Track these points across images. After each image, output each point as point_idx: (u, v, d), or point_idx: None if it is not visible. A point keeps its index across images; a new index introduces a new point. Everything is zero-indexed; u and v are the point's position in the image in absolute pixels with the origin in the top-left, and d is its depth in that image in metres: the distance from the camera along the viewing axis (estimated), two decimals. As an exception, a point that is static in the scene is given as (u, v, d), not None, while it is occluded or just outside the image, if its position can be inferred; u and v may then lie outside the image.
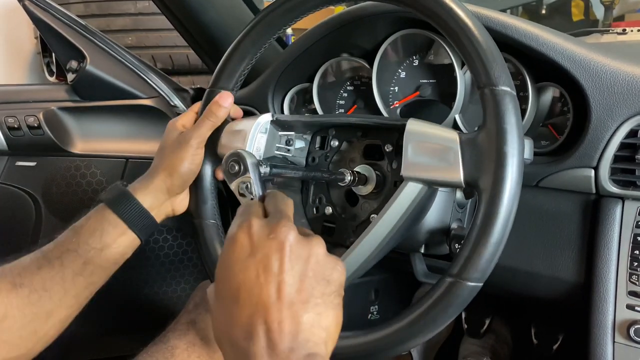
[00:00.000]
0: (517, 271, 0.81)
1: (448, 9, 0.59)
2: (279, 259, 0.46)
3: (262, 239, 0.47)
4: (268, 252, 0.46)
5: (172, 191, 0.76)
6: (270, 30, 0.75)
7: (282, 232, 0.47)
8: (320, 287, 0.47)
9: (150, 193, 0.75)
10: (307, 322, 0.44)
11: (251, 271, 0.45)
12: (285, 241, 0.47)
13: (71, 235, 0.71)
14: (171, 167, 0.75)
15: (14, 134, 1.07)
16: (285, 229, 0.48)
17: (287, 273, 0.45)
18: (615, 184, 0.71)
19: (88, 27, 1.13)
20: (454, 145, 0.59)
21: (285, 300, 0.44)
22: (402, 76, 0.92)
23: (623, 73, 0.69)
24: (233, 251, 0.48)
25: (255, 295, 0.44)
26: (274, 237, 0.47)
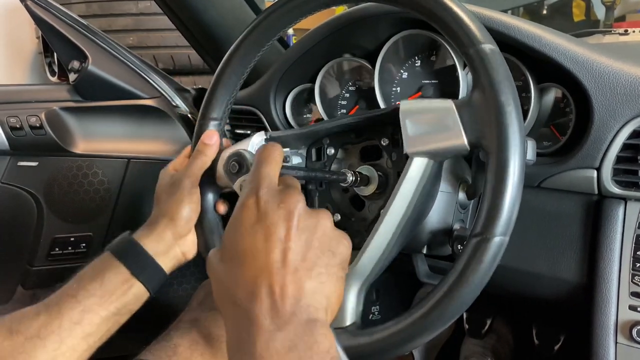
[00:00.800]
0: (519, 271, 0.81)
1: (446, 7, 0.59)
2: (286, 227, 0.46)
3: (271, 207, 0.48)
4: (276, 220, 0.46)
5: (177, 234, 0.74)
6: (272, 31, 0.75)
7: (292, 202, 0.48)
8: (325, 257, 0.47)
9: (155, 240, 0.73)
10: (310, 289, 0.45)
11: (258, 236, 0.46)
12: (294, 210, 0.47)
13: (72, 281, 0.69)
14: (171, 211, 0.74)
15: (16, 134, 1.07)
16: (294, 200, 0.48)
17: (293, 241, 0.46)
18: (618, 185, 0.71)
19: (90, 27, 1.13)
20: (451, 111, 0.58)
21: (290, 266, 0.45)
22: (404, 77, 0.92)
23: (626, 74, 0.69)
24: (242, 216, 0.48)
25: (261, 259, 0.45)
26: (284, 206, 0.47)
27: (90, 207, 1.16)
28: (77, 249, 1.17)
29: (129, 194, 1.18)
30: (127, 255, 0.70)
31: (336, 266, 0.48)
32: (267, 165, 0.51)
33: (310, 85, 1.00)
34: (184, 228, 0.74)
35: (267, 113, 1.02)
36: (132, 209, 1.20)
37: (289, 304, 0.44)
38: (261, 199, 0.48)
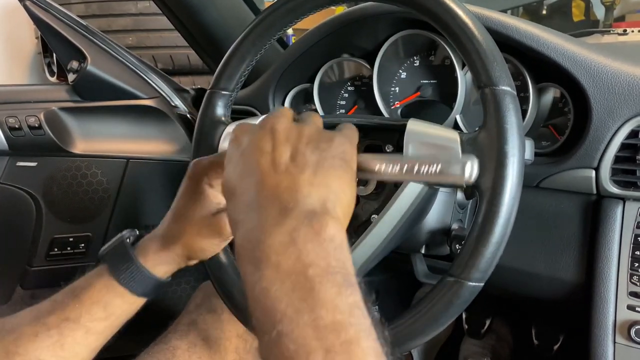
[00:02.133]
0: (517, 272, 0.81)
1: (448, 9, 0.59)
2: (271, 140, 0.46)
3: (251, 132, 0.48)
4: (260, 139, 0.47)
5: (187, 263, 0.68)
6: (271, 31, 0.75)
7: (270, 121, 0.48)
8: (315, 155, 0.45)
9: (163, 264, 0.66)
10: (305, 181, 0.43)
11: (249, 158, 0.46)
12: (276, 125, 0.47)
13: (72, 301, 0.63)
14: (195, 250, 0.66)
15: (15, 134, 1.07)
16: (272, 118, 0.48)
17: (280, 150, 0.45)
18: (616, 185, 0.71)
19: (89, 28, 1.13)
20: (455, 145, 0.59)
21: (281, 169, 0.44)
22: (403, 77, 0.92)
23: (624, 74, 0.69)
24: (230, 151, 0.49)
25: (255, 175, 0.44)
26: (265, 125, 0.48)
27: (89, 208, 1.16)
28: (76, 249, 1.16)
29: (127, 194, 1.18)
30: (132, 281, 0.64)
31: (330, 158, 0.46)
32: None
33: (309, 85, 1.00)
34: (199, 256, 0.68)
35: (265, 113, 1.01)
36: (131, 209, 1.20)
37: (284, 198, 0.42)
38: (242, 130, 0.49)
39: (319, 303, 0.36)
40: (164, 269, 0.66)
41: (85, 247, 1.17)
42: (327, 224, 0.40)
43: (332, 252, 0.39)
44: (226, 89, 0.79)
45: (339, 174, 0.45)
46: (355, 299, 0.38)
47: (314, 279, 0.37)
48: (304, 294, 0.37)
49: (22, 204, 1.12)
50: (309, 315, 0.36)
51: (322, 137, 0.48)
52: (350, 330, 0.35)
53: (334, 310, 0.36)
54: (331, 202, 0.43)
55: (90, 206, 1.16)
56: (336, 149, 0.47)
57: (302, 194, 0.42)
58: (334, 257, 0.39)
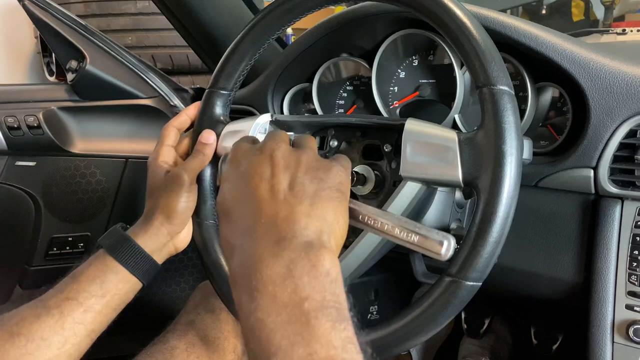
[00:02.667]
0: (516, 271, 0.81)
1: (447, 8, 0.59)
2: (271, 168, 0.47)
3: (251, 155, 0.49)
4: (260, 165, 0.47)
5: (173, 232, 0.75)
6: (270, 30, 0.75)
7: (271, 144, 0.49)
8: (313, 185, 0.46)
9: (151, 237, 0.73)
10: (302, 212, 0.44)
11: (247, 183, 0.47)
12: (276, 151, 0.48)
13: (71, 283, 0.68)
14: (168, 209, 0.73)
15: (14, 134, 1.07)
16: (274, 142, 0.49)
17: (278, 177, 0.46)
18: (615, 184, 0.71)
19: (88, 27, 1.13)
20: (453, 144, 0.59)
21: (279, 198, 0.45)
22: (402, 76, 0.92)
23: (622, 73, 0.69)
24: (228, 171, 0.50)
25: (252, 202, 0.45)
26: (265, 150, 0.49)
27: (88, 207, 1.16)
28: (75, 248, 1.16)
29: (126, 194, 1.18)
30: (125, 256, 0.70)
31: (327, 189, 0.47)
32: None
33: (308, 84, 1.00)
34: (180, 226, 0.75)
35: (264, 112, 1.01)
36: (130, 208, 1.20)
37: (282, 229, 0.43)
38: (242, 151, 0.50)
39: (314, 337, 0.37)
40: (151, 244, 0.72)
41: (84, 246, 1.17)
42: (324, 257, 0.41)
43: (327, 286, 0.40)
44: (225, 88, 0.79)
45: (335, 205, 0.47)
46: (348, 333, 0.38)
47: (309, 313, 0.38)
48: (300, 328, 0.37)
49: (21, 203, 1.12)
50: (303, 349, 0.36)
51: (320, 166, 0.49)
52: None
53: (328, 345, 0.37)
54: (326, 234, 0.44)
55: (89, 206, 1.16)
56: (333, 180, 0.48)
57: (300, 226, 0.43)
58: (329, 291, 0.40)
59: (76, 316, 0.65)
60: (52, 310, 0.65)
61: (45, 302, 0.66)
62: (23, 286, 1.16)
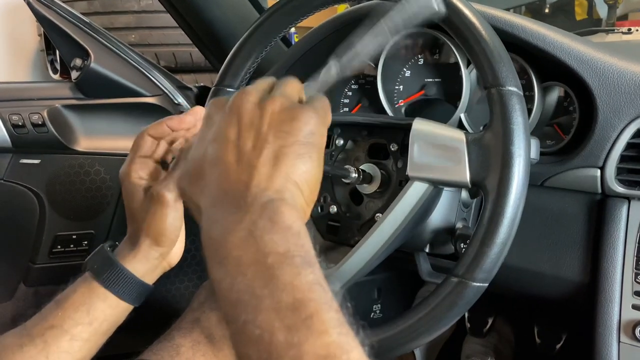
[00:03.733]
0: (522, 270, 0.81)
1: (456, 8, 0.59)
2: (236, 126, 0.45)
3: (221, 114, 0.47)
4: (227, 125, 0.45)
5: (164, 253, 0.68)
6: (277, 28, 0.75)
7: (235, 102, 0.46)
8: (278, 141, 0.44)
9: (141, 261, 0.66)
10: (264, 174, 0.43)
11: (214, 147, 0.45)
12: (241, 108, 0.45)
13: (55, 309, 0.63)
14: (154, 233, 0.65)
15: (18, 132, 1.07)
16: (238, 98, 0.46)
17: (243, 137, 0.44)
18: (622, 184, 0.71)
19: (92, 25, 1.13)
20: (461, 145, 0.59)
21: (243, 160, 0.43)
22: (407, 75, 0.92)
23: (630, 73, 0.69)
24: (201, 130, 0.48)
25: (219, 164, 0.44)
26: (230, 109, 0.46)
27: (92, 205, 1.16)
28: (79, 246, 1.16)
29: (131, 192, 1.18)
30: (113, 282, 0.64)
31: (293, 145, 0.44)
32: None
33: (313, 83, 1.00)
34: (171, 245, 0.69)
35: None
36: (134, 206, 1.20)
37: (245, 194, 0.42)
38: (215, 108, 0.48)
39: (280, 287, 0.37)
40: (142, 267, 0.67)
41: (89, 244, 1.17)
42: (284, 213, 0.41)
43: (290, 238, 0.40)
44: (231, 86, 0.79)
45: (303, 161, 0.44)
46: (314, 276, 0.39)
47: (273, 266, 0.38)
48: (265, 282, 0.38)
49: (26, 201, 1.12)
50: (270, 299, 0.37)
51: (286, 117, 0.45)
52: (310, 305, 0.36)
53: (293, 290, 0.37)
54: (289, 192, 0.43)
55: (93, 204, 1.16)
56: (301, 131, 0.45)
57: (260, 188, 0.42)
58: (292, 243, 0.40)
59: (62, 345, 0.61)
60: (35, 340, 0.61)
61: (29, 331, 0.62)
62: (27, 284, 1.16)
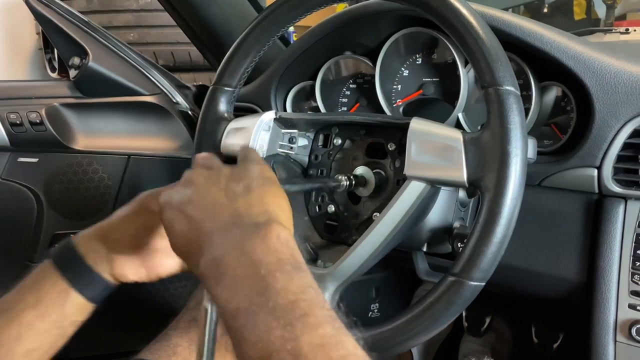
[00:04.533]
0: (519, 270, 0.81)
1: (453, 8, 0.59)
2: (222, 181, 0.51)
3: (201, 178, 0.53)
4: (212, 182, 0.52)
5: (113, 276, 0.64)
6: (275, 27, 0.75)
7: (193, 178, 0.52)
8: (240, 186, 0.50)
9: (93, 253, 0.62)
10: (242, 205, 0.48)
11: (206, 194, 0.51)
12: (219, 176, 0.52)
13: (14, 291, 0.61)
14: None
15: (16, 130, 1.07)
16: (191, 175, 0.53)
17: (229, 186, 0.50)
18: (618, 184, 0.71)
19: (90, 24, 1.13)
20: (458, 144, 0.59)
21: (231, 198, 0.49)
22: (405, 74, 0.92)
23: (627, 73, 0.69)
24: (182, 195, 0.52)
25: (214, 205, 0.49)
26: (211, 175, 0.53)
27: (91, 204, 1.16)
28: (77, 245, 1.17)
29: (129, 191, 1.18)
30: (66, 265, 0.61)
31: (253, 181, 0.51)
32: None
33: (311, 82, 1.00)
34: (119, 277, 0.65)
35: (268, 110, 1.01)
36: (132, 205, 1.20)
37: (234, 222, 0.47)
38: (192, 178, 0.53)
39: (274, 292, 0.41)
40: (93, 257, 0.62)
41: (86, 243, 1.17)
42: (271, 228, 0.45)
43: (279, 248, 0.44)
44: (229, 85, 0.79)
45: (267, 189, 0.51)
46: (306, 280, 0.43)
47: (266, 275, 0.42)
48: (260, 290, 0.41)
49: (24, 200, 1.12)
50: (266, 305, 0.40)
51: (235, 171, 0.53)
52: (303, 305, 0.40)
53: (287, 293, 0.41)
54: (271, 212, 0.48)
55: (91, 202, 1.16)
56: (252, 174, 0.52)
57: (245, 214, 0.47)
58: (282, 252, 0.44)
59: (12, 331, 0.59)
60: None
61: None
62: (25, 283, 1.16)
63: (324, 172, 0.80)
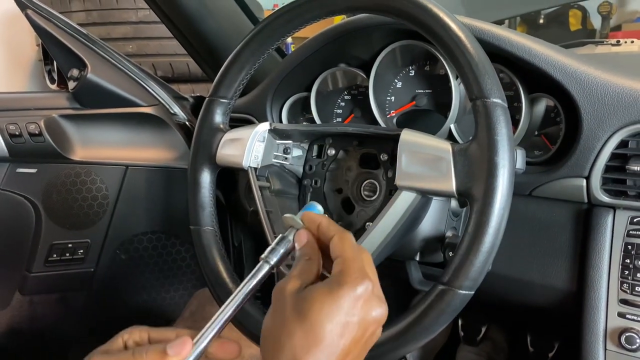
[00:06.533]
0: (511, 279, 0.82)
1: (442, 22, 0.60)
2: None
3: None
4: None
5: None
6: (270, 40, 0.77)
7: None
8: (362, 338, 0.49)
9: None
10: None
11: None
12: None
13: None
14: None
15: (15, 141, 1.08)
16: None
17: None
18: (607, 194, 0.72)
19: (89, 36, 1.15)
20: (447, 155, 0.60)
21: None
22: (399, 86, 0.94)
23: (613, 85, 0.70)
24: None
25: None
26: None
27: (88, 214, 1.17)
28: (74, 255, 1.17)
29: (126, 201, 1.19)
30: None
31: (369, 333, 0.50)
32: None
33: (307, 93, 1.01)
34: None
35: (263, 121, 1.03)
36: (130, 215, 1.21)
37: None
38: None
39: None
40: None
41: (84, 253, 1.18)
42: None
43: None
44: (225, 97, 0.80)
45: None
46: None
47: None
48: None
49: (22, 210, 1.13)
50: None
51: (363, 325, 0.50)
52: None
53: None
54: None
55: (89, 212, 1.17)
56: (371, 327, 0.51)
57: None
58: None
59: None
60: None
61: None
62: (23, 292, 1.16)
63: (318, 182, 0.81)
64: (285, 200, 0.81)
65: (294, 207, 0.82)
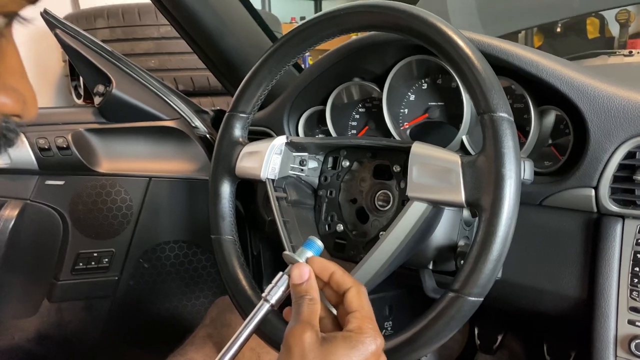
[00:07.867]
0: (523, 287, 0.83)
1: (449, 39, 0.63)
2: None
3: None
4: None
5: None
6: (287, 57, 0.80)
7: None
8: None
9: None
10: None
11: None
12: None
13: None
14: None
15: (45, 155, 1.13)
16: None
17: None
18: (615, 203, 0.74)
19: (114, 53, 1.19)
20: (456, 167, 0.62)
21: None
22: (412, 99, 0.96)
23: (619, 98, 0.72)
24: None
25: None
26: None
27: (113, 224, 1.21)
28: (100, 264, 1.21)
29: (149, 211, 1.23)
30: None
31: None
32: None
33: (322, 107, 1.04)
34: None
35: (281, 134, 1.06)
36: (153, 225, 1.24)
37: None
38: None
39: None
40: None
41: (109, 261, 1.22)
42: None
43: None
44: (244, 111, 0.83)
45: None
46: None
47: None
48: None
49: (50, 220, 1.17)
50: None
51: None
52: None
53: None
54: None
55: (114, 223, 1.21)
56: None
57: None
58: None
59: None
60: None
61: None
62: (50, 299, 1.21)
63: (333, 193, 0.83)
64: (301, 210, 0.84)
65: (310, 217, 0.85)
